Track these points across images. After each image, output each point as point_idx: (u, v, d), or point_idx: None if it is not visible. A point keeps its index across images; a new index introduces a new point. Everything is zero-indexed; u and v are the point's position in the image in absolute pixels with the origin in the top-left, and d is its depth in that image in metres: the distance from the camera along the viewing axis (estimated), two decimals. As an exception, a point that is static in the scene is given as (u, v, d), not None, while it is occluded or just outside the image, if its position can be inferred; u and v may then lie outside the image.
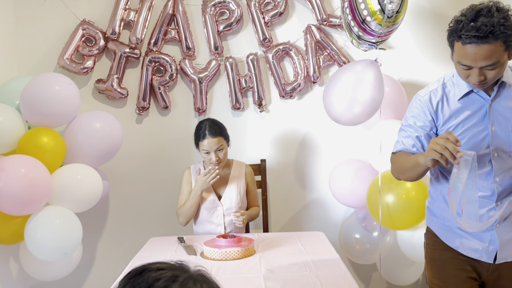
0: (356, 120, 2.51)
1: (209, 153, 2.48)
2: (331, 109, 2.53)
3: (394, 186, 2.41)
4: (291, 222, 3.08)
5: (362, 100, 2.42)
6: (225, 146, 2.53)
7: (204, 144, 2.47)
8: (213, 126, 2.50)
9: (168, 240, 2.44)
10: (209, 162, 2.51)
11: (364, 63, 2.46)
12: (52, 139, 2.39)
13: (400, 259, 2.67)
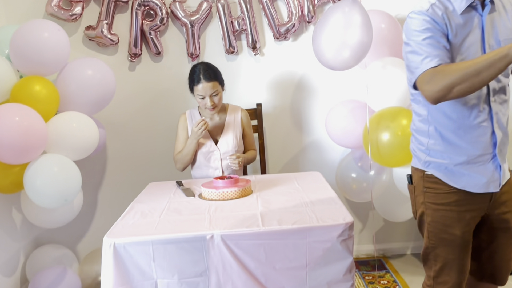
0: (346, 65, 2.43)
1: (204, 98, 2.46)
2: (321, 55, 2.45)
3: (389, 124, 2.40)
4: (288, 165, 3.11)
5: (351, 44, 2.32)
6: (220, 91, 2.51)
7: (199, 89, 2.45)
8: (208, 70, 2.47)
9: (167, 184, 2.47)
10: (204, 107, 2.50)
11: (346, 2, 2.36)
12: (44, 87, 2.36)
13: (396, 196, 2.71)
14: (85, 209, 2.99)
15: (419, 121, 1.71)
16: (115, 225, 1.80)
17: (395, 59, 2.57)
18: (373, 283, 2.79)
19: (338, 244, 1.65)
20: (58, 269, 2.65)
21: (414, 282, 2.77)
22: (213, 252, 1.66)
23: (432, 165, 1.68)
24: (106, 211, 3.06)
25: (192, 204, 2.04)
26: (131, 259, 1.66)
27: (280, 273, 1.67)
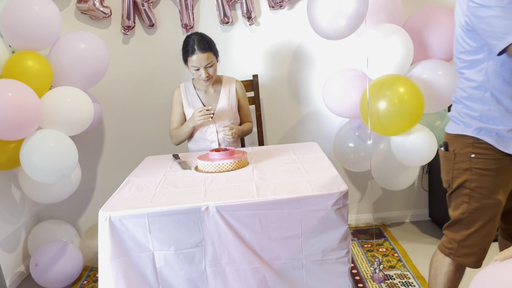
0: (342, 34, 2.38)
1: (199, 69, 2.43)
2: (316, 24, 2.40)
3: (386, 92, 2.38)
4: (286, 136, 3.09)
5: (346, 13, 2.26)
6: (215, 62, 2.48)
7: (193, 60, 2.42)
8: (202, 41, 2.43)
9: (163, 158, 2.47)
10: (199, 79, 2.47)
11: None
12: (37, 62, 2.34)
13: (394, 165, 2.70)
14: (84, 184, 3.01)
15: (473, 88, 1.67)
16: (110, 199, 1.81)
17: (393, 25, 2.52)
18: (372, 251, 2.82)
19: (332, 212, 1.65)
20: (59, 243, 2.68)
21: (412, 249, 2.79)
22: (208, 224, 1.67)
23: (484, 131, 1.67)
24: (105, 185, 3.08)
25: (188, 177, 2.04)
26: (127, 232, 1.67)
27: (275, 242, 1.67)
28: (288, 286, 1.71)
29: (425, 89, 2.48)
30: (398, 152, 2.57)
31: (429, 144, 2.48)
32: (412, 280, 2.46)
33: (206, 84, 2.50)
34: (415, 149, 2.48)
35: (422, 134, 2.47)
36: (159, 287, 1.71)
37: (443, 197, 2.92)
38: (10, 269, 2.72)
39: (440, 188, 2.97)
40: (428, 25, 2.58)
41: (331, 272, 1.71)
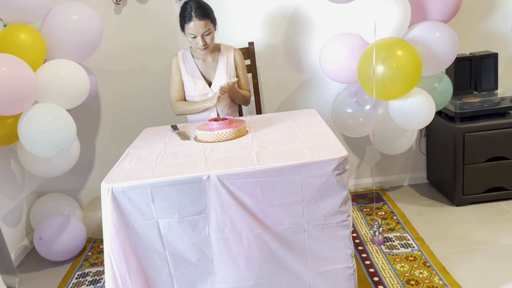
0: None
1: (196, 37, 2.40)
2: None
3: (384, 56, 2.36)
4: (284, 104, 3.09)
5: None
6: (212, 30, 2.44)
7: (190, 27, 2.38)
8: (199, 8, 2.38)
9: (162, 129, 2.47)
10: (196, 47, 2.44)
11: None
12: (30, 35, 2.30)
13: (393, 129, 2.71)
14: (83, 158, 3.01)
15: None
16: (112, 171, 1.81)
17: (389, -12, 2.48)
18: (371, 215, 2.86)
19: (333, 178, 1.67)
20: (62, 216, 2.70)
21: (410, 212, 2.84)
22: (210, 192, 1.68)
23: None
24: (105, 158, 3.08)
25: (187, 147, 2.05)
26: (130, 202, 1.68)
27: (277, 208, 1.69)
28: (290, 251, 1.74)
29: (423, 52, 2.46)
30: (396, 116, 2.57)
31: (428, 107, 2.48)
32: (411, 241, 2.51)
33: (203, 53, 2.48)
34: (413, 113, 2.48)
35: (420, 97, 2.47)
36: (165, 251, 1.75)
37: (440, 160, 2.95)
38: (15, 243, 2.75)
39: (437, 151, 2.99)
40: (425, -14, 2.54)
41: (332, 235, 1.73)
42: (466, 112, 2.70)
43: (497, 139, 2.70)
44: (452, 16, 2.58)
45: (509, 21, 2.96)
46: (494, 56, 2.78)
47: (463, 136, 2.69)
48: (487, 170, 2.75)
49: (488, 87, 2.83)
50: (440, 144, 2.94)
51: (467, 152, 2.71)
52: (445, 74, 2.68)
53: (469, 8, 2.89)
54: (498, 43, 2.98)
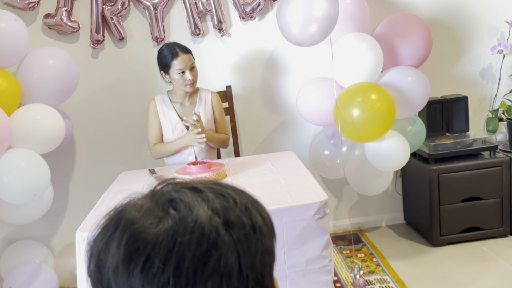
0: (313, 40, 2.34)
1: (184, 72, 2.41)
2: (287, 31, 2.36)
3: (358, 100, 2.42)
4: (262, 146, 3.10)
5: (317, 17, 2.24)
6: (195, 65, 2.47)
7: (178, 62, 2.39)
8: (181, 45, 2.45)
9: (139, 173, 2.43)
10: (184, 84, 2.43)
11: None
12: (5, 80, 2.27)
13: (369, 170, 2.74)
14: (56, 203, 2.92)
15: None
16: (87, 218, 1.77)
17: (362, 34, 2.57)
18: (351, 257, 2.85)
19: (314, 222, 1.66)
20: (33, 265, 2.60)
21: (389, 253, 2.83)
22: (189, 239, 1.65)
23: None
24: (79, 203, 3.01)
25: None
26: (106, 251, 1.63)
27: (258, 255, 1.67)
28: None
29: (396, 96, 2.53)
30: (372, 158, 2.61)
31: (402, 149, 2.53)
32: (392, 284, 2.50)
33: (191, 88, 2.47)
34: (389, 155, 2.53)
35: (395, 139, 2.52)
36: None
37: (417, 200, 2.98)
38: (-19, 295, 2.62)
39: (413, 191, 3.03)
40: (396, 33, 2.64)
41: (314, 281, 1.71)
42: (439, 154, 2.76)
43: (471, 180, 2.75)
44: (422, 61, 2.68)
45: (476, 65, 3.09)
46: (464, 99, 2.88)
47: (438, 177, 2.74)
48: (463, 211, 2.79)
49: (460, 129, 2.91)
50: (415, 185, 2.98)
51: (442, 192, 2.76)
52: (417, 116, 2.75)
53: (439, 54, 3.01)
54: (467, 86, 3.10)
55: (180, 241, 0.54)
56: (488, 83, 3.12)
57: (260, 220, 0.60)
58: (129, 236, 0.55)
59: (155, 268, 0.53)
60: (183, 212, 0.56)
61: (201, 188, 0.60)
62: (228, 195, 0.60)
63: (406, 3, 2.96)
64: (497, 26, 3.03)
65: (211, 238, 0.54)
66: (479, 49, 3.07)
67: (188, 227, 0.55)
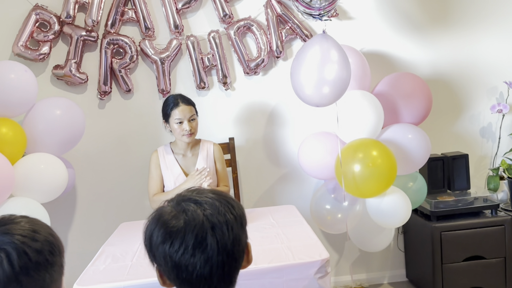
0: (327, 101, 2.36)
1: (182, 122, 2.45)
2: (301, 91, 2.37)
3: (360, 155, 2.44)
4: (263, 198, 3.09)
5: (330, 80, 2.27)
6: (196, 117, 2.52)
7: (177, 113, 2.44)
8: (184, 97, 2.52)
9: (139, 224, 2.39)
10: (182, 134, 2.47)
11: (317, 38, 2.35)
12: (11, 129, 2.31)
13: (371, 226, 2.72)
14: (54, 252, 2.89)
15: None
16: (85, 272, 1.75)
17: (363, 92, 2.63)
18: (352, 316, 2.77)
19: (315, 281, 1.64)
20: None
21: (392, 313, 2.77)
22: (188, 296, 1.62)
23: None
24: (77, 252, 2.96)
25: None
26: (103, 307, 1.60)
27: (257, 314, 1.64)
28: None
29: (397, 152, 2.55)
30: (374, 214, 2.60)
31: (404, 205, 2.52)
32: None
33: (189, 139, 2.50)
34: (391, 211, 2.52)
35: (396, 196, 2.52)
36: None
37: (419, 258, 2.94)
38: None
39: (415, 248, 2.99)
40: (396, 91, 2.70)
41: None
42: (441, 211, 2.75)
43: (474, 239, 2.73)
44: (423, 119, 2.73)
45: (476, 123, 3.13)
46: (465, 157, 2.90)
47: (440, 234, 2.71)
48: (465, 270, 2.74)
49: (461, 187, 2.91)
50: (417, 242, 2.95)
51: (445, 250, 2.72)
52: (419, 173, 2.76)
53: (439, 111, 3.06)
54: (468, 144, 3.13)
55: (187, 232, 0.99)
56: (488, 141, 3.15)
57: (232, 218, 1.03)
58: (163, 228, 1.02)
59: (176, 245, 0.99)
60: (189, 216, 1.01)
61: (200, 201, 1.05)
62: (214, 205, 1.04)
63: (406, 62, 3.04)
64: (496, 86, 3.10)
65: (204, 233, 0.99)
66: (479, 107, 3.12)
67: (191, 225, 1.00)
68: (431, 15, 3.02)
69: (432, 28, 3.02)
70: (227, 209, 1.03)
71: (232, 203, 1.06)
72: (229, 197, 1.09)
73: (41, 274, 0.90)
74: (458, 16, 3.04)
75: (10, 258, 0.87)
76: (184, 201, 1.05)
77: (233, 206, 1.05)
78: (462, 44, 3.06)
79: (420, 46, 3.03)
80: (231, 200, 1.07)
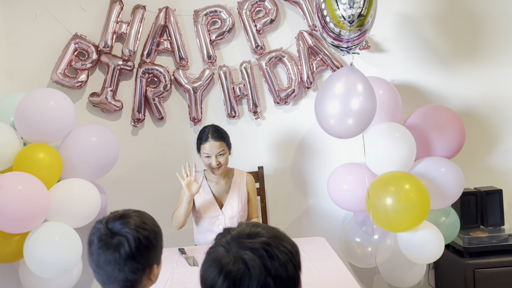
0: (352, 133, 2.36)
1: (210, 157, 2.47)
2: (325, 123, 2.39)
3: (392, 189, 2.41)
4: (290, 228, 3.07)
5: (354, 111, 2.27)
6: (226, 151, 2.53)
7: (206, 147, 2.47)
8: (216, 131, 2.52)
9: (169, 252, 2.42)
10: (209, 167, 2.50)
11: (343, 70, 2.37)
12: (48, 154, 2.37)
13: (402, 261, 2.67)
14: (84, 276, 2.91)
15: None
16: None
17: (394, 124, 2.62)
18: None
19: (348, 319, 1.61)
20: None
21: None
22: (220, 329, 1.61)
23: None
24: (105, 277, 2.98)
25: (196, 275, 1.99)
26: (135, 337, 1.60)
27: None
28: None
29: (429, 186, 2.52)
30: (405, 249, 2.55)
31: (437, 241, 2.47)
32: None
33: (216, 173, 2.52)
34: (423, 246, 2.47)
35: (429, 231, 2.47)
36: None
37: (451, 295, 2.86)
38: None
39: (447, 285, 2.91)
40: (428, 124, 2.68)
41: None
42: (474, 247, 2.68)
43: (508, 277, 2.64)
44: (456, 153, 2.69)
45: (510, 158, 3.07)
46: (499, 192, 2.84)
47: (473, 272, 2.64)
48: (500, 309, 2.66)
49: (495, 223, 2.84)
50: (449, 279, 2.87)
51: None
52: (451, 208, 2.71)
53: (472, 145, 3.01)
54: (501, 179, 3.06)
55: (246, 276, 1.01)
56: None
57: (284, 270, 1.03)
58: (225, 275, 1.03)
59: None
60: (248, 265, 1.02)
61: (257, 248, 1.04)
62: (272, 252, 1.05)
63: (438, 95, 3.02)
64: (530, 119, 3.05)
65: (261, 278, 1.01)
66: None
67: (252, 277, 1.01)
68: (460, 48, 3.00)
69: (461, 61, 3.01)
70: (285, 257, 1.04)
71: (289, 248, 1.07)
72: (282, 236, 1.10)
73: (148, 253, 1.36)
74: (487, 48, 3.02)
75: (128, 242, 1.31)
76: (240, 247, 1.04)
77: (291, 253, 1.06)
78: (492, 76, 3.04)
79: (450, 79, 3.01)
80: (287, 244, 1.08)
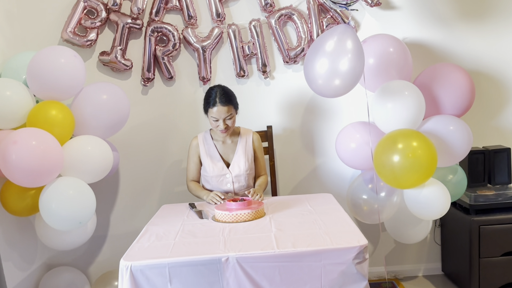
0: (337, 93, 2.38)
1: (218, 120, 2.50)
2: (312, 83, 2.40)
3: (400, 146, 2.43)
4: (299, 186, 3.12)
5: (342, 72, 2.27)
6: (234, 114, 2.55)
7: (214, 111, 2.49)
8: (224, 94, 2.51)
9: (179, 207, 2.50)
10: (216, 129, 2.54)
11: (339, 28, 2.36)
12: (60, 111, 2.41)
13: (408, 218, 2.71)
14: (98, 231, 3.01)
15: None
16: (131, 248, 1.82)
17: (404, 82, 2.61)
18: (386, 306, 2.78)
19: (353, 266, 1.66)
20: (70, 291, 2.66)
21: (426, 305, 2.76)
22: (228, 274, 1.68)
23: None
24: (118, 233, 3.08)
25: (206, 226, 2.06)
26: (147, 281, 1.68)
27: (295, 295, 1.68)
28: None
29: (437, 144, 2.53)
30: (411, 206, 2.58)
31: (443, 197, 2.50)
32: (428, 336, 2.42)
33: (223, 135, 2.57)
34: (429, 203, 2.50)
35: (435, 188, 2.50)
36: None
37: (455, 251, 2.91)
38: (19, 317, 2.69)
39: (452, 242, 2.96)
40: (438, 82, 2.66)
41: (350, 327, 1.69)
42: (481, 205, 2.71)
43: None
44: (465, 111, 2.68)
45: (520, 117, 3.06)
46: (507, 151, 2.84)
47: (479, 228, 2.68)
48: (503, 265, 2.70)
49: (502, 181, 2.86)
50: (455, 236, 2.92)
51: (482, 245, 2.68)
52: (459, 166, 2.73)
53: (482, 104, 3.00)
54: (510, 138, 3.06)
55: None
56: (532, 136, 3.07)
57: None
58: None
59: None
60: None
61: None
62: None
63: (449, 53, 2.99)
64: (542, 78, 3.02)
65: None
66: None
67: None
68: (472, 6, 2.95)
69: (473, 18, 2.96)
70: None
71: None
72: None
73: None
74: (499, 5, 2.96)
75: None
76: None
77: None
78: (504, 34, 2.99)
79: (464, 37, 2.97)
80: None
